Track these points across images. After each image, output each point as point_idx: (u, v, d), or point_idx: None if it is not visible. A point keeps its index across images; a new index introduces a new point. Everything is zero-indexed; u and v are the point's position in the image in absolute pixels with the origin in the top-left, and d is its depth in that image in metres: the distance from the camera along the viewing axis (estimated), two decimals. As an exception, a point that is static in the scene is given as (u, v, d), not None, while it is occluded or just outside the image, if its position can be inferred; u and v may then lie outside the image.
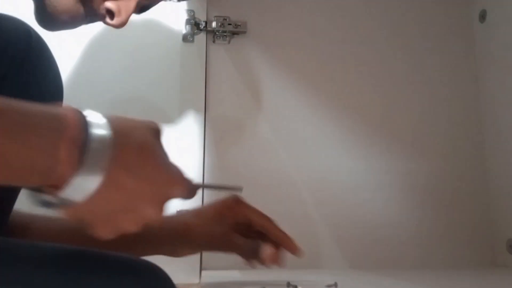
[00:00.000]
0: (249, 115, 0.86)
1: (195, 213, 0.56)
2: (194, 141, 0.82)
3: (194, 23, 0.85)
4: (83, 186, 0.31)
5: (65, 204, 0.31)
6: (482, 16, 0.93)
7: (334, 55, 0.90)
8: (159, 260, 0.76)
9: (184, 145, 0.81)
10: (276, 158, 0.85)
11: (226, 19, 0.87)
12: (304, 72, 0.89)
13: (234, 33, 0.87)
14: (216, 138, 0.83)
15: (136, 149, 0.34)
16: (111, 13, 0.53)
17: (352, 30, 0.92)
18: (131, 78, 0.82)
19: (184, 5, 0.86)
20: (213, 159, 0.82)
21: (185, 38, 0.86)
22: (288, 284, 0.58)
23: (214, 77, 0.86)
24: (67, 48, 0.78)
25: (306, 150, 0.86)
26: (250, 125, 0.85)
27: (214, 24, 0.87)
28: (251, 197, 0.82)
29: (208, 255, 0.78)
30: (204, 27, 0.87)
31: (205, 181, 0.81)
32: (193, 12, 0.86)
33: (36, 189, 0.32)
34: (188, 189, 0.39)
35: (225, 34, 0.88)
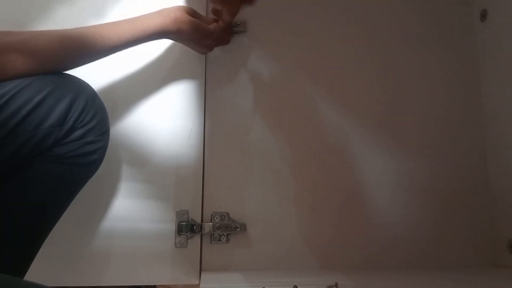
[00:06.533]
0: (249, 115, 0.85)
1: None
2: (193, 141, 0.82)
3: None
4: None
5: None
6: (483, 15, 0.93)
7: (335, 54, 0.90)
8: (158, 262, 0.76)
9: (183, 144, 0.81)
10: (275, 157, 0.84)
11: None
12: (305, 71, 0.88)
13: (234, 33, 0.87)
14: (216, 138, 0.83)
15: None
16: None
17: (353, 30, 0.92)
18: (131, 73, 0.82)
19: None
20: (214, 159, 0.82)
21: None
22: (289, 284, 0.58)
23: (214, 76, 0.85)
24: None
25: (305, 150, 0.85)
26: (250, 124, 0.85)
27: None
28: (251, 197, 0.82)
29: (208, 256, 0.78)
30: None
31: (205, 184, 0.81)
32: None
33: None
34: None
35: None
